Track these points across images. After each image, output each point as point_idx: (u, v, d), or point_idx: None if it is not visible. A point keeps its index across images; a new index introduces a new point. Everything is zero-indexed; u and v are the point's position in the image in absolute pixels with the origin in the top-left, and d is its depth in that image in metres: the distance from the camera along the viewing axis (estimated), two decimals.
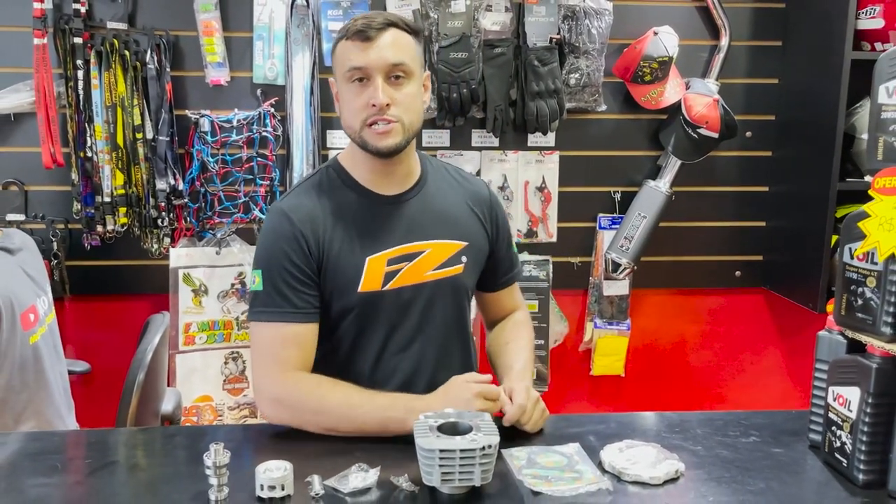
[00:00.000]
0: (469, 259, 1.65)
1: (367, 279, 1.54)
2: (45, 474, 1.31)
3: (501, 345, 1.74)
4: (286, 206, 1.56)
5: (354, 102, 1.51)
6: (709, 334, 2.99)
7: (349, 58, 1.50)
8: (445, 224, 1.63)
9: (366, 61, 1.48)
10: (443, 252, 1.62)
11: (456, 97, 2.53)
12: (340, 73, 1.53)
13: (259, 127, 2.61)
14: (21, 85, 2.50)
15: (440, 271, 1.61)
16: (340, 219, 1.56)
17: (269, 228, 1.56)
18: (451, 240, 1.63)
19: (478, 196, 1.72)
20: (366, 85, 1.50)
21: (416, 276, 1.59)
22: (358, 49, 1.49)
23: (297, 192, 1.61)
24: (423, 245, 1.60)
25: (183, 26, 2.56)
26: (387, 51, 1.48)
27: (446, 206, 1.65)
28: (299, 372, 1.50)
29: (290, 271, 1.51)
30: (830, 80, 2.47)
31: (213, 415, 2.66)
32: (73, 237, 2.62)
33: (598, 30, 2.63)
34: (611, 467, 1.31)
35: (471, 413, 1.32)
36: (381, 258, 1.56)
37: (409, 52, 1.52)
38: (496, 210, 1.75)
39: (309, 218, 1.54)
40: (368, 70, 1.49)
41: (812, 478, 1.34)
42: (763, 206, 2.87)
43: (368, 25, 1.48)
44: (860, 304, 1.27)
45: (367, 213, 1.58)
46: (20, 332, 1.89)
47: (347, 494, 1.22)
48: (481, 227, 1.70)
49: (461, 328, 1.70)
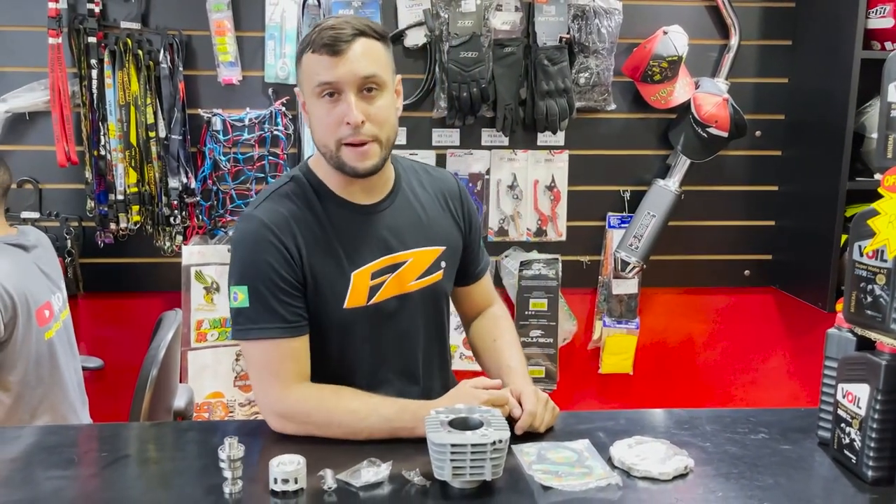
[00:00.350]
0: (447, 263, 1.63)
1: (353, 295, 1.50)
2: (61, 467, 1.33)
3: (489, 342, 1.72)
4: (263, 215, 1.47)
5: (326, 119, 1.43)
6: (717, 333, 2.99)
7: (317, 72, 1.41)
8: (424, 230, 1.60)
9: (336, 76, 1.40)
10: (424, 260, 1.59)
11: (466, 96, 2.54)
12: (308, 87, 1.45)
13: (270, 126, 2.63)
14: (36, 84, 2.53)
15: (422, 280, 1.59)
16: (319, 230, 1.49)
17: (247, 239, 1.47)
18: (430, 246, 1.60)
19: (448, 191, 1.68)
20: (336, 101, 1.42)
21: (399, 287, 1.56)
22: (326, 63, 1.40)
23: (271, 200, 1.51)
24: (405, 255, 1.56)
25: (195, 26, 2.58)
26: (357, 63, 1.40)
27: (422, 211, 1.61)
28: (301, 385, 1.46)
29: (277, 284, 1.44)
30: (840, 79, 2.47)
31: (225, 411, 2.68)
32: (87, 235, 2.64)
33: (608, 29, 2.64)
34: (620, 463, 1.32)
35: (481, 408, 1.33)
36: (365, 272, 1.51)
37: (380, 62, 1.44)
38: (466, 202, 1.70)
39: (288, 227, 1.46)
40: (339, 85, 1.41)
41: (821, 474, 1.34)
42: (772, 206, 2.87)
43: (336, 38, 1.39)
44: (869, 301, 1.28)
45: (346, 224, 1.52)
46: (35, 328, 1.91)
47: (360, 488, 1.23)
48: (455, 225, 1.67)
49: (441, 332, 1.69)
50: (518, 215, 2.79)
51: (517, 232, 2.79)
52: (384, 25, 2.52)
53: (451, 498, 1.22)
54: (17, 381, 1.88)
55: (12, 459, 1.36)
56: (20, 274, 1.91)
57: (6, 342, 1.85)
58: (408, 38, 2.62)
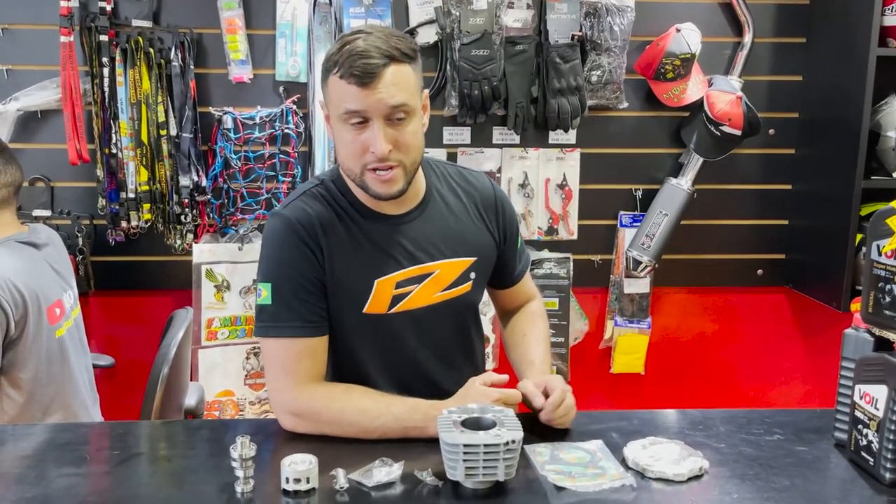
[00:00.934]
0: (478, 274, 1.60)
1: (374, 302, 1.49)
2: (74, 464, 1.33)
3: (519, 337, 1.72)
4: (291, 215, 1.48)
5: (352, 145, 1.41)
6: (730, 333, 2.97)
7: (344, 100, 1.38)
8: (453, 241, 1.57)
9: (364, 105, 1.37)
10: (452, 271, 1.56)
11: (477, 94, 2.53)
12: (335, 111, 1.42)
13: (281, 124, 2.63)
14: (48, 82, 2.54)
15: (449, 292, 1.56)
16: (345, 234, 1.49)
17: (275, 237, 1.48)
18: (460, 257, 1.57)
19: (484, 199, 1.63)
20: (363, 127, 1.39)
21: (424, 299, 1.54)
22: (354, 93, 1.37)
23: (300, 200, 1.51)
24: (433, 266, 1.54)
25: (206, 24, 2.58)
26: (387, 93, 1.36)
27: (454, 221, 1.58)
28: (314, 384, 1.46)
29: (300, 283, 1.45)
30: (855, 76, 2.45)
31: (235, 409, 2.68)
32: (98, 233, 2.65)
33: (620, 26, 2.63)
34: (634, 464, 1.31)
35: (494, 408, 1.32)
36: (390, 281, 1.50)
37: (409, 88, 1.40)
38: (503, 209, 1.66)
39: (315, 228, 1.46)
40: (367, 114, 1.38)
41: (837, 476, 1.33)
42: (786, 205, 2.85)
43: (366, 69, 1.35)
44: (888, 301, 1.26)
45: (373, 231, 1.51)
46: (46, 325, 1.92)
47: (372, 488, 1.23)
48: (489, 234, 1.63)
49: (465, 339, 1.67)
50: (529, 214, 2.78)
51: (528, 231, 2.78)
52: (395, 24, 2.54)
53: (463, 498, 1.21)
54: (29, 378, 1.88)
55: (25, 457, 1.37)
56: (31, 272, 1.91)
57: (17, 340, 1.85)
58: (419, 36, 2.61)
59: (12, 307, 1.81)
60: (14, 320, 1.82)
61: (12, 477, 1.29)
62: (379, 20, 2.53)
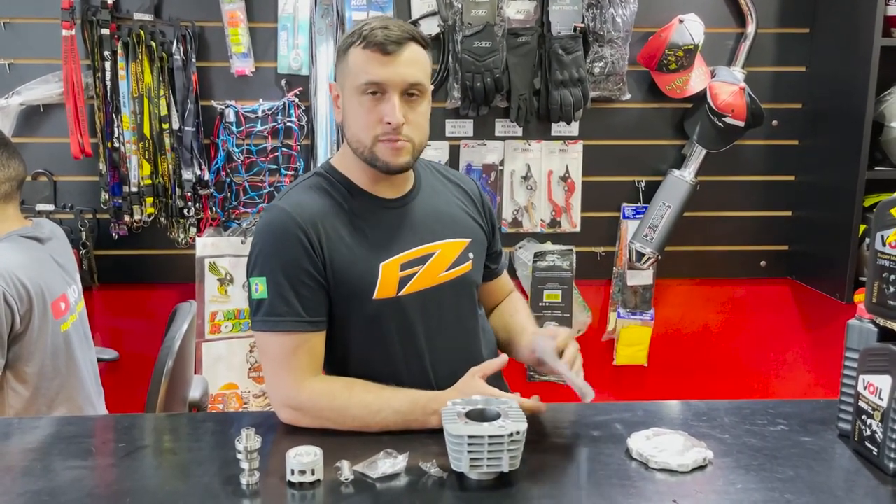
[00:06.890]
0: (475, 255, 1.65)
1: (382, 286, 1.50)
2: (79, 457, 1.34)
3: (507, 317, 1.77)
4: (287, 206, 1.48)
5: (367, 117, 1.45)
6: (733, 325, 2.97)
7: (366, 70, 1.43)
8: (449, 223, 1.62)
9: (385, 77, 1.43)
10: (452, 251, 1.60)
11: (480, 86, 2.52)
12: (352, 82, 1.46)
13: (284, 117, 2.62)
14: (50, 76, 2.53)
15: (452, 271, 1.59)
16: (345, 222, 1.50)
17: (269, 230, 1.48)
18: (457, 238, 1.62)
19: (471, 192, 1.72)
20: (380, 99, 1.44)
21: (430, 280, 1.56)
22: (377, 62, 1.43)
23: (296, 192, 1.53)
24: (433, 247, 1.57)
25: (208, 17, 2.57)
26: (407, 69, 1.44)
27: (445, 204, 1.65)
28: (313, 379, 1.46)
29: (298, 277, 1.44)
30: (859, 67, 2.44)
31: (239, 402, 2.69)
32: (101, 227, 2.65)
33: (623, 18, 2.61)
34: (638, 455, 1.31)
35: (498, 400, 1.32)
36: (394, 263, 1.51)
37: (425, 70, 1.49)
38: (485, 202, 1.74)
39: (312, 219, 1.47)
40: (385, 86, 1.44)
41: (841, 466, 1.33)
42: (789, 196, 2.85)
43: (388, 38, 1.42)
44: (892, 291, 1.26)
45: (372, 216, 1.53)
46: (51, 320, 1.92)
47: (376, 480, 1.23)
48: (478, 223, 1.69)
49: (474, 321, 1.68)
50: (532, 206, 2.78)
51: (531, 223, 2.78)
52: (397, 15, 2.54)
53: (468, 489, 1.22)
54: (35, 372, 1.89)
55: (31, 449, 1.37)
56: (36, 266, 1.91)
57: (22, 334, 1.86)
58: (421, 28, 2.61)
59: (17, 302, 1.81)
60: (19, 315, 1.82)
61: (18, 470, 1.29)
62: (381, 12, 2.52)
